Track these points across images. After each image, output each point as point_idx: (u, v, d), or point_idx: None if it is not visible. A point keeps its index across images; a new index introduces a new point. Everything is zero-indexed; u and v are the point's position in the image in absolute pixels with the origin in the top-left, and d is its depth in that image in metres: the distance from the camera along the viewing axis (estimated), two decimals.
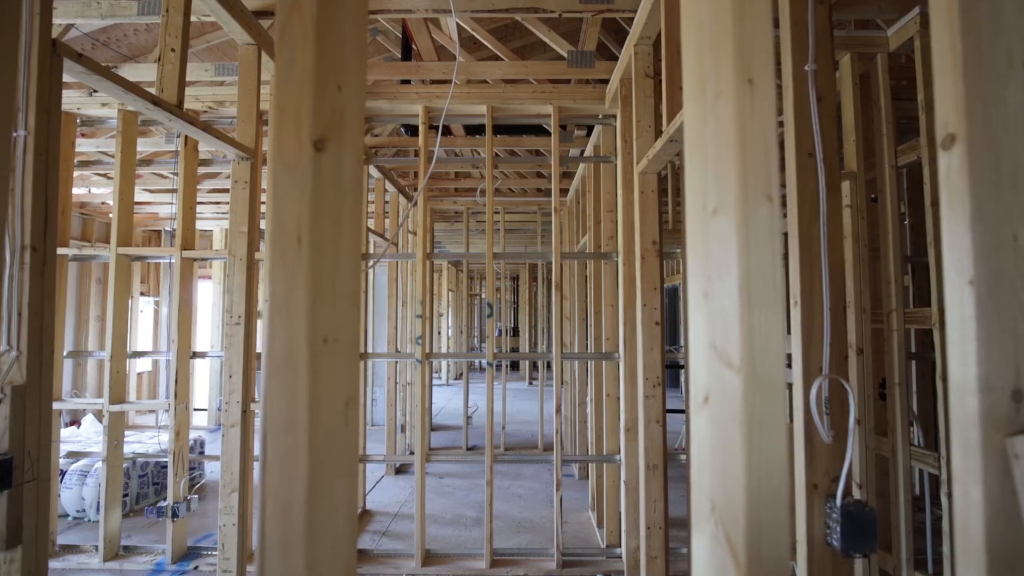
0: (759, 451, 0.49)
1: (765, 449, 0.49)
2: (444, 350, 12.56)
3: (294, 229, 0.49)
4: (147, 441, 4.66)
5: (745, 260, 0.50)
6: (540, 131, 4.46)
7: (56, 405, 3.45)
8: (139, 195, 6.14)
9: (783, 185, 1.43)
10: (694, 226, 0.61)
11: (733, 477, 0.50)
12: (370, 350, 6.11)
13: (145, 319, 8.03)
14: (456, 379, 12.88)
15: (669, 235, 4.19)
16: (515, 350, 14.47)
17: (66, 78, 1.91)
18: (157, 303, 8.08)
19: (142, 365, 7.92)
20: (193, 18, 2.71)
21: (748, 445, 0.48)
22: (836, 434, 1.06)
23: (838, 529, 1.07)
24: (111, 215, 3.34)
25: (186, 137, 3.42)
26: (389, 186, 5.11)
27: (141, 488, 4.28)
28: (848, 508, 1.06)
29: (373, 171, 4.68)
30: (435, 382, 12.15)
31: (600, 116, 3.66)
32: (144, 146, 4.53)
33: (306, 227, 0.49)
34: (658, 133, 2.55)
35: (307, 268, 0.49)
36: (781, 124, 1.44)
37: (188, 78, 3.27)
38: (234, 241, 2.91)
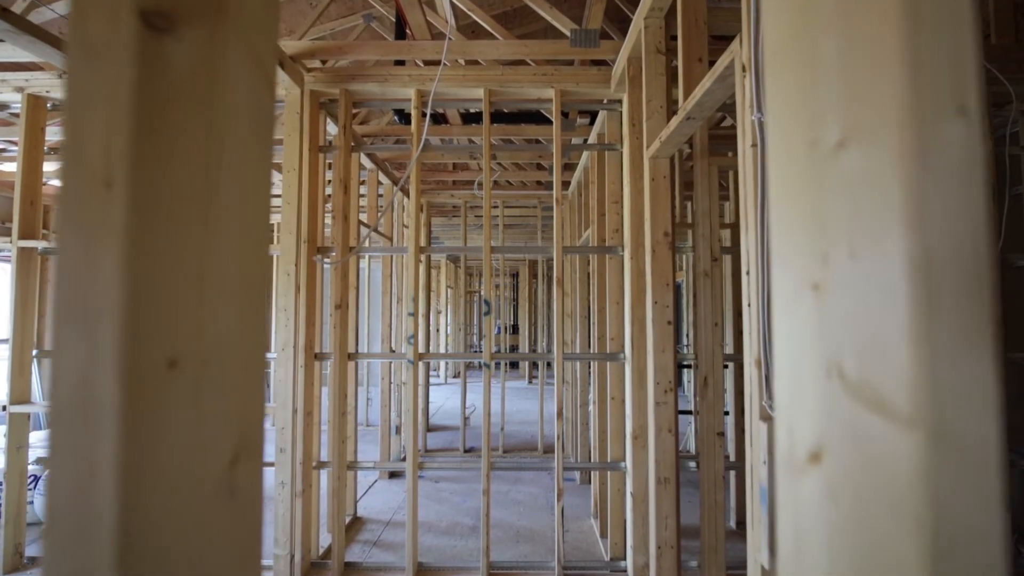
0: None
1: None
2: (443, 348, 12.35)
3: (99, 165, 0.26)
4: None
5: (918, 221, 0.28)
6: (540, 119, 4.24)
7: (25, 408, 3.24)
8: None
9: None
10: (788, 175, 0.39)
11: None
12: (363, 349, 5.90)
13: None
14: (455, 377, 12.67)
15: (676, 228, 3.97)
16: (514, 348, 14.27)
17: (34, 57, 1.70)
18: None
19: None
20: None
21: (934, 564, 0.26)
22: None
23: None
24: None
25: None
26: (384, 179, 4.88)
27: None
28: None
29: (366, 162, 4.45)
30: (433, 380, 11.95)
31: (605, 101, 3.43)
32: None
33: (123, 160, 0.27)
34: (671, 114, 2.32)
35: (123, 233, 0.26)
36: None
37: None
38: None
